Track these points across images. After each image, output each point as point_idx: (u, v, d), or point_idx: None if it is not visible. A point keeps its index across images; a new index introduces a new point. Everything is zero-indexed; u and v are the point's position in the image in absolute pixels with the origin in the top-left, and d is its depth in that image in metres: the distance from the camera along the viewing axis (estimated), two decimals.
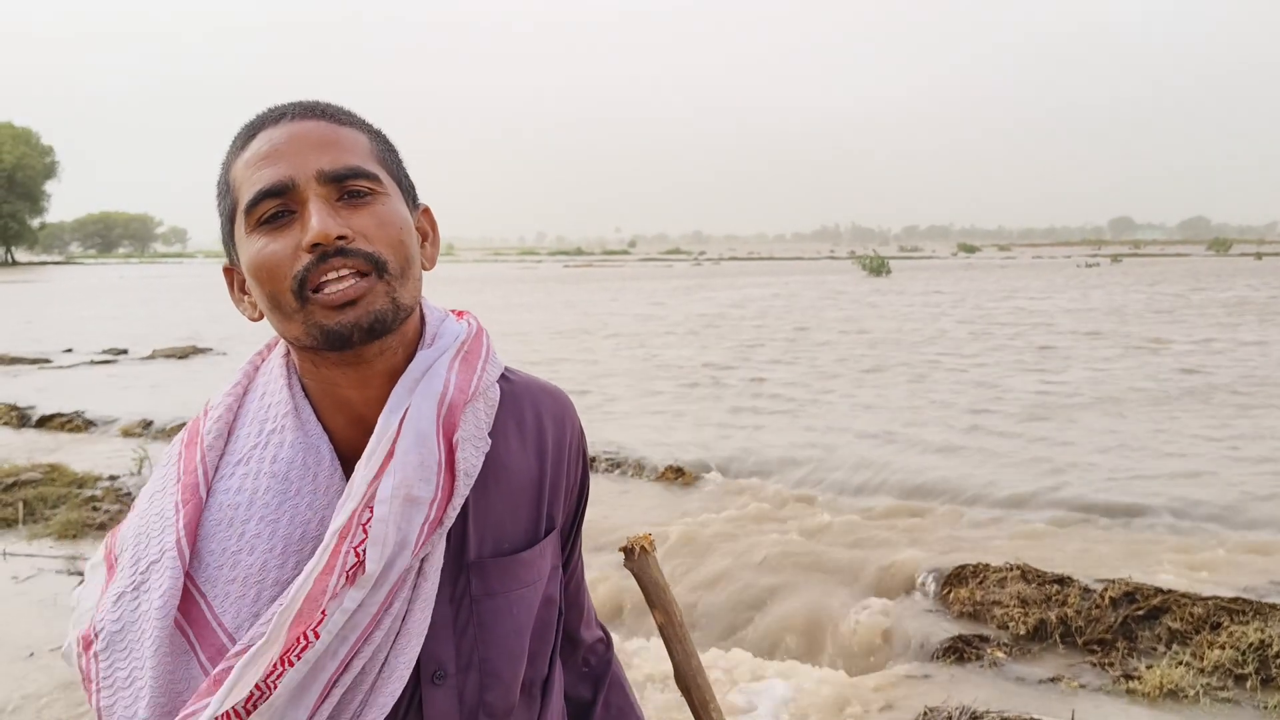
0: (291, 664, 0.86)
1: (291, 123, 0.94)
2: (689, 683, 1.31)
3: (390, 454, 0.92)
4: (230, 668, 0.86)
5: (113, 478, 7.22)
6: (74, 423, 9.80)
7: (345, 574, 0.88)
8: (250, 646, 0.87)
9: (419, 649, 0.94)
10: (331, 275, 0.89)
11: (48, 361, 15.05)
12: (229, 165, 0.96)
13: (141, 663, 0.89)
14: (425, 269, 1.02)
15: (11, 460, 7.78)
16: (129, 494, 6.79)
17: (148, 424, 9.49)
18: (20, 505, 6.47)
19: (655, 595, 1.31)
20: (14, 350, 16.17)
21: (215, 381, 12.46)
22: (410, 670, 0.93)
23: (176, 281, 51.31)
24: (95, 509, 6.45)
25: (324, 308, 0.89)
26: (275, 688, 0.85)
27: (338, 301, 0.88)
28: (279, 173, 0.91)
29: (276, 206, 0.91)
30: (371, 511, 0.90)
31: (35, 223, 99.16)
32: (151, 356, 15.60)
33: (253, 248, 0.92)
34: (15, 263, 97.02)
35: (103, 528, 6.15)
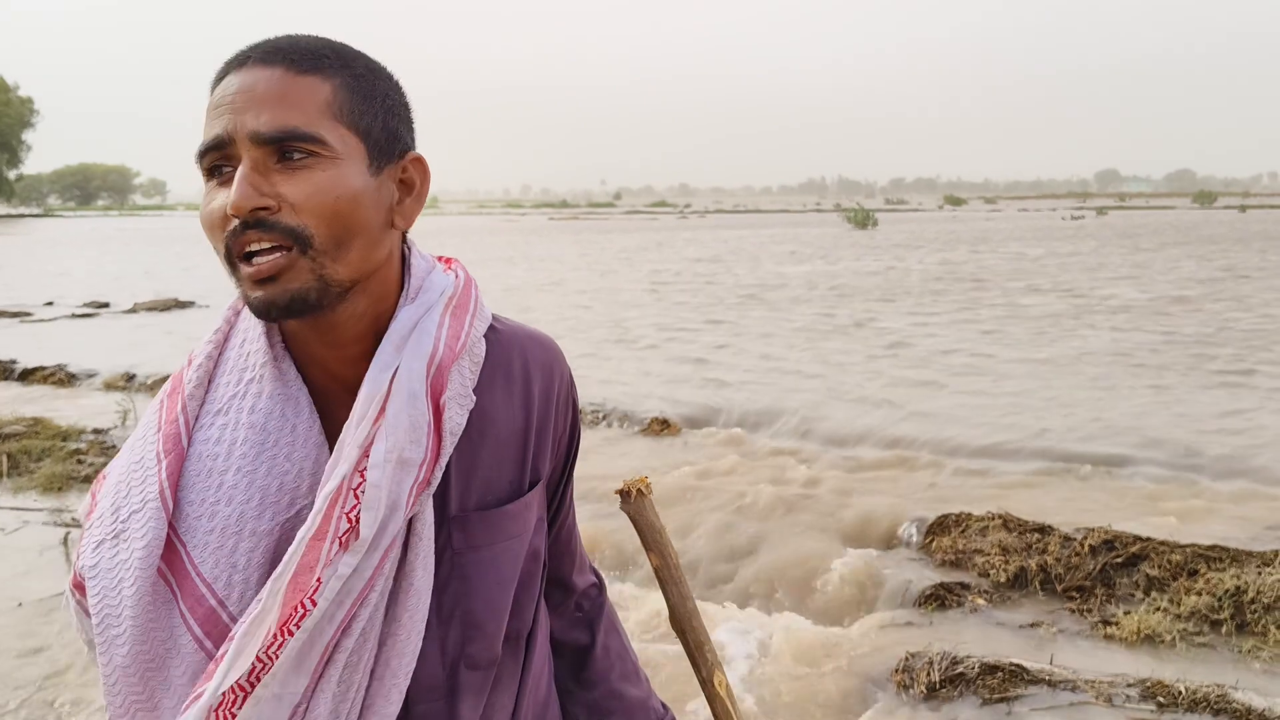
0: (291, 634, 0.85)
1: (252, 69, 0.89)
2: (684, 624, 1.31)
3: (381, 414, 0.91)
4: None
5: (97, 431, 7.20)
6: (57, 376, 9.74)
7: (339, 540, 0.87)
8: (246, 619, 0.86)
9: (427, 604, 0.94)
10: (252, 246, 0.86)
11: (28, 315, 14.91)
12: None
13: (120, 610, 0.89)
14: (398, 227, 0.97)
15: None
16: (114, 446, 6.77)
17: (130, 377, 9.45)
18: (4, 459, 6.45)
19: (651, 538, 1.31)
20: None
21: (197, 334, 12.38)
22: (422, 626, 0.94)
23: (156, 234, 50.79)
24: (80, 462, 6.43)
25: (247, 279, 0.88)
26: (278, 658, 0.85)
27: (255, 277, 0.87)
28: (218, 127, 0.88)
29: (218, 160, 0.89)
30: (363, 477, 0.89)
31: (12, 174, 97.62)
32: (133, 310, 15.49)
33: (204, 198, 0.91)
34: None
35: (87, 480, 6.15)
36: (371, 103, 0.94)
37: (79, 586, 0.95)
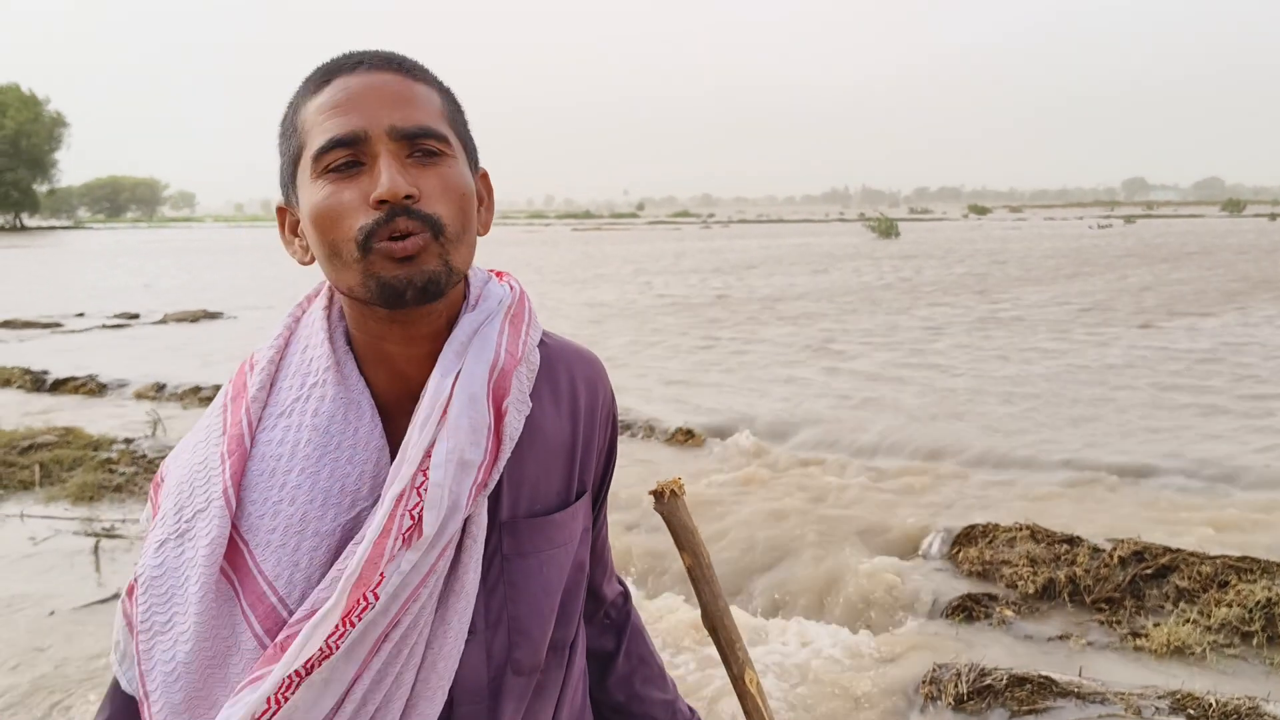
0: (353, 624, 0.88)
1: (368, 73, 0.94)
2: (716, 623, 1.33)
3: (444, 417, 0.93)
4: (293, 635, 0.88)
5: (128, 440, 7.28)
6: (88, 386, 9.86)
7: (402, 536, 0.89)
8: (315, 611, 0.89)
9: (471, 605, 0.96)
10: (398, 234, 0.89)
11: (59, 326, 15.11)
12: (298, 106, 0.96)
13: (185, 607, 0.91)
14: (480, 234, 1.02)
15: (27, 423, 7.84)
16: (144, 456, 6.85)
17: (161, 387, 9.55)
18: (37, 468, 6.54)
19: (684, 538, 1.33)
20: (26, 315, 16.24)
21: (227, 345, 12.53)
22: (466, 627, 0.96)
23: (185, 246, 51.32)
24: (111, 471, 6.51)
25: (385, 258, 0.89)
26: (338, 648, 0.88)
27: (398, 254, 0.89)
28: (353, 123, 0.91)
29: (346, 156, 0.91)
30: (426, 475, 0.91)
31: (43, 189, 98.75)
32: (163, 321, 15.66)
33: (318, 194, 0.92)
34: (24, 228, 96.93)
35: (119, 489, 6.22)
36: (461, 115, 1.02)
37: (134, 593, 0.97)
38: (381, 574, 0.89)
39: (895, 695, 3.64)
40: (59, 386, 9.97)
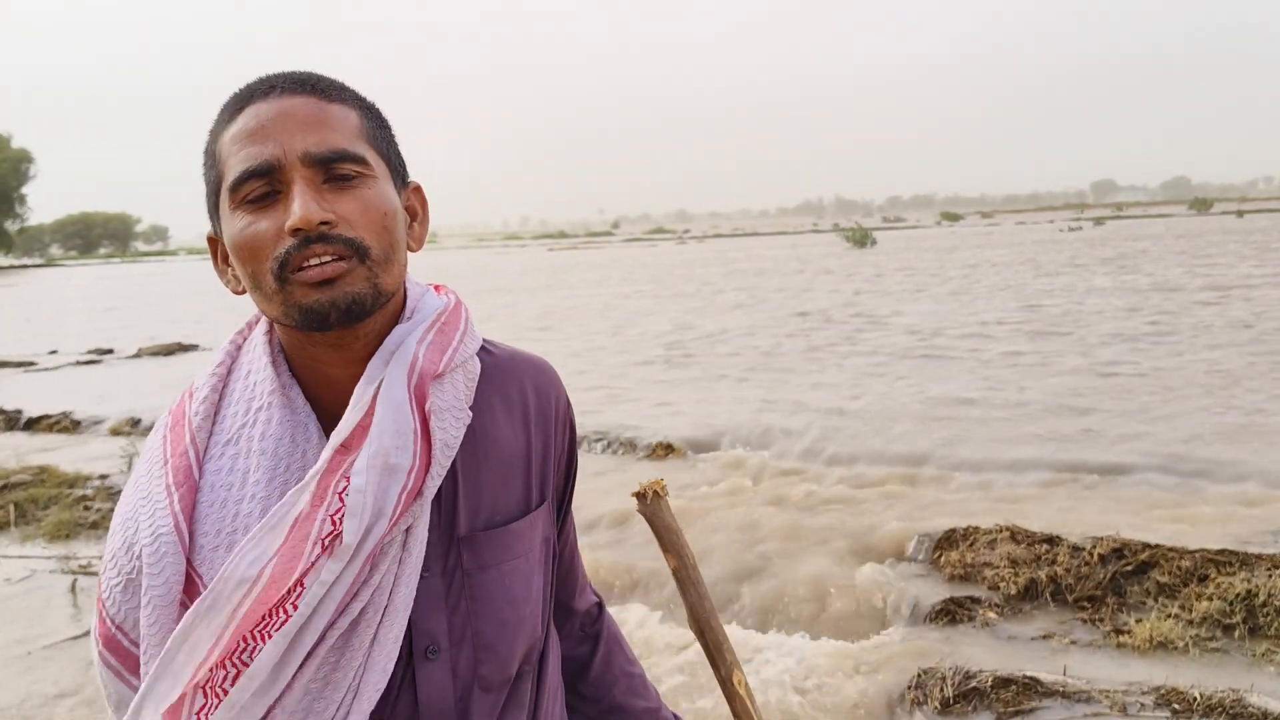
0: (269, 637, 0.85)
1: (280, 98, 0.92)
2: (703, 625, 1.32)
3: (367, 424, 0.92)
4: None
5: (103, 477, 7.21)
6: (62, 424, 9.76)
7: (321, 542, 0.87)
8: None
9: (405, 624, 0.93)
10: (314, 261, 0.88)
11: (33, 364, 14.95)
12: (216, 135, 0.95)
13: (143, 646, 0.89)
14: (412, 250, 1.01)
15: (1, 463, 7.75)
16: (120, 492, 6.77)
17: (136, 422, 9.47)
18: (11, 508, 6.46)
19: (669, 540, 1.32)
20: None
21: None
22: (399, 645, 0.93)
23: (159, 280, 50.98)
24: (87, 509, 6.44)
25: (303, 285, 0.88)
26: (251, 663, 0.84)
27: (315, 279, 0.88)
28: (264, 152, 0.89)
29: (261, 187, 0.90)
30: (348, 481, 0.89)
31: (14, 227, 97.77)
32: (137, 355, 15.53)
33: (235, 226, 0.91)
34: None
35: (95, 527, 6.15)
36: (384, 131, 1.00)
37: (110, 641, 0.94)
38: (301, 584, 0.86)
39: (881, 701, 3.64)
40: (33, 425, 9.87)
